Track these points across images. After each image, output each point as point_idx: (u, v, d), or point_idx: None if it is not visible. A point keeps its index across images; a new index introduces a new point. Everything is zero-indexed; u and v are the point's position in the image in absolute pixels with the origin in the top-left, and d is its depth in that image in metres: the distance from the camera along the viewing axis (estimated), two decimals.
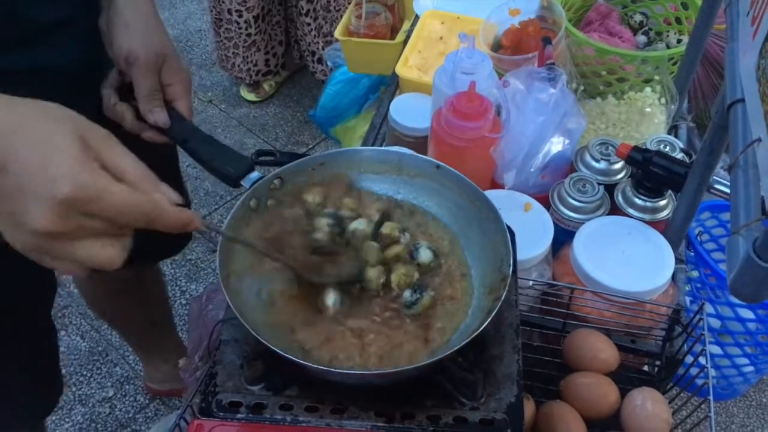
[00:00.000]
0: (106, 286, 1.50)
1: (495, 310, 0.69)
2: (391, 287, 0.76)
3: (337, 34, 1.74)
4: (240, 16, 2.45)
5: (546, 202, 1.07)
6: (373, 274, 0.76)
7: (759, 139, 0.57)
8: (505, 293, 0.70)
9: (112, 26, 0.90)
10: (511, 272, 0.72)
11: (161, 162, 0.71)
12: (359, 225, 0.79)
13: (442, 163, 0.84)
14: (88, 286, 1.55)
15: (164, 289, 1.74)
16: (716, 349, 1.74)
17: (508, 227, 0.81)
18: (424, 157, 0.87)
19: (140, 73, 0.88)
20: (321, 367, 0.66)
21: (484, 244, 0.78)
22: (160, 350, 1.78)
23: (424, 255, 0.78)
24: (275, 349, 0.65)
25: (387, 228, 0.80)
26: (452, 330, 0.74)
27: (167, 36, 0.94)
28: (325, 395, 0.69)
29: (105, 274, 1.41)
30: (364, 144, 1.32)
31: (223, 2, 2.44)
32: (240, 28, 2.49)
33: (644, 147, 1.07)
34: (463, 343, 0.66)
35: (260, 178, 0.82)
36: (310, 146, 2.67)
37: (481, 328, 0.67)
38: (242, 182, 0.82)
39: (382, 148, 1.14)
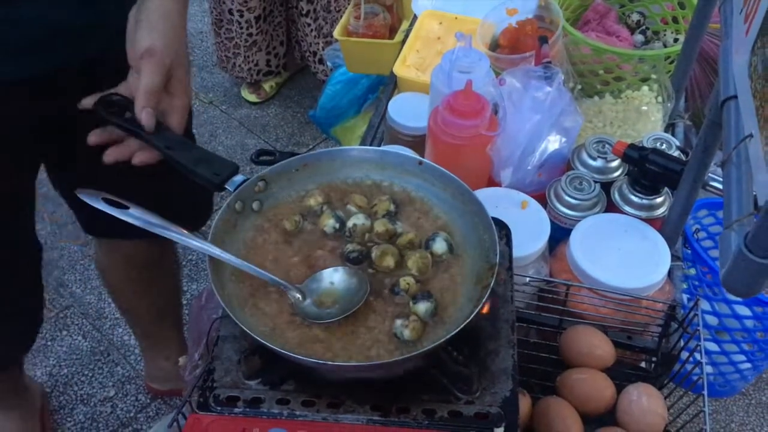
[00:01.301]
0: (128, 260, 1.49)
1: (484, 299, 0.69)
2: (406, 272, 0.76)
3: (336, 34, 1.74)
4: (241, 15, 2.46)
5: (543, 200, 1.07)
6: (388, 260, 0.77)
7: (751, 135, 0.58)
8: (492, 281, 0.70)
9: (138, 22, 0.90)
10: (498, 260, 0.72)
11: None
12: (358, 220, 0.80)
13: (424, 159, 0.84)
14: (108, 260, 1.54)
15: (179, 280, 1.74)
16: (713, 347, 1.74)
17: (503, 222, 0.82)
18: (406, 153, 0.87)
19: (152, 68, 0.88)
20: (317, 361, 0.67)
21: (471, 237, 0.79)
22: (164, 343, 1.77)
23: (439, 246, 0.78)
24: (271, 345, 0.66)
25: (379, 225, 0.80)
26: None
27: (187, 49, 0.94)
28: (322, 389, 0.70)
29: (129, 249, 1.43)
30: (362, 143, 1.32)
31: (224, 2, 2.45)
32: (241, 28, 2.49)
33: (640, 145, 1.07)
34: (453, 332, 0.67)
35: (244, 180, 0.81)
36: (311, 147, 2.68)
37: (470, 317, 0.68)
38: (226, 186, 0.81)
39: (365, 147, 1.14)
